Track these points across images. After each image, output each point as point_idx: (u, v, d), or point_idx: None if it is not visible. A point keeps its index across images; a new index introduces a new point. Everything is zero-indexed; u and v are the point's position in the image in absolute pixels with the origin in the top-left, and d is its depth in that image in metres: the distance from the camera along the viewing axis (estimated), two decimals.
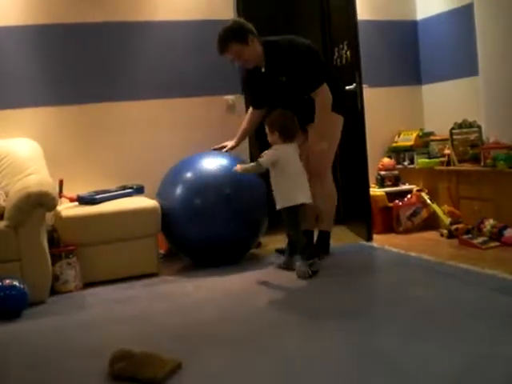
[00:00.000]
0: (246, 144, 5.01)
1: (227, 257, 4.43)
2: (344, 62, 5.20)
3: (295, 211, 3.98)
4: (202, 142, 4.82)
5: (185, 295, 3.78)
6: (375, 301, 3.44)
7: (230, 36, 4.14)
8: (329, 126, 4.29)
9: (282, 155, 3.98)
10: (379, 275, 4.12)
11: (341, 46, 5.24)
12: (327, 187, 4.45)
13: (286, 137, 4.01)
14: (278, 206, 4.02)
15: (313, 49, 4.31)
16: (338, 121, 4.43)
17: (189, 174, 4.42)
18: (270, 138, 4.06)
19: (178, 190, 4.37)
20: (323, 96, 4.20)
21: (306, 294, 3.63)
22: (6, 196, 3.99)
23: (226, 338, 2.90)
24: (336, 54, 5.42)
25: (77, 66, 4.82)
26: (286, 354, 2.62)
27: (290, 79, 4.24)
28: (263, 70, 4.32)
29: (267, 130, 4.06)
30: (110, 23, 4.89)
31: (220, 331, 3.01)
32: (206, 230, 4.27)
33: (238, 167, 4.11)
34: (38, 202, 3.70)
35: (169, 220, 4.33)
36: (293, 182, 4.00)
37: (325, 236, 4.56)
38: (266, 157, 3.98)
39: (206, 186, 4.32)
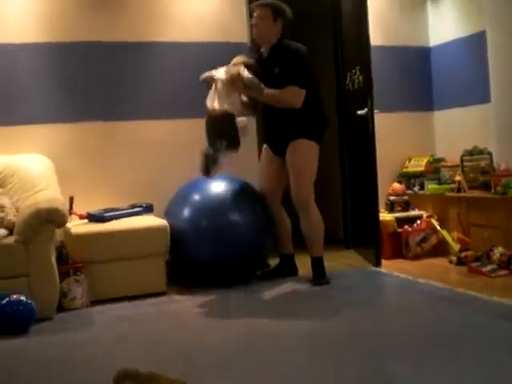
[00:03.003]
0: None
1: (235, 277, 4.42)
2: (356, 86, 5.22)
3: None
4: None
5: (191, 315, 3.77)
6: (382, 327, 3.41)
7: (270, 4, 4.39)
8: (304, 158, 4.41)
9: None
10: (387, 301, 4.09)
11: (353, 70, 5.26)
12: (313, 216, 4.47)
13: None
14: None
15: (304, 51, 4.40)
16: (313, 149, 4.45)
17: (197, 195, 4.47)
18: None
19: (186, 210, 4.41)
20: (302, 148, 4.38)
21: (312, 317, 3.60)
22: (17, 211, 4.01)
23: (231, 359, 2.89)
24: (348, 78, 5.44)
25: (90, 84, 4.86)
26: (291, 379, 2.60)
27: (280, 73, 4.35)
28: (265, 55, 4.51)
29: None
30: (125, 43, 4.94)
31: (225, 353, 2.99)
32: (213, 250, 4.29)
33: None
34: (48, 219, 3.72)
35: (176, 239, 4.34)
36: None
37: (318, 262, 4.54)
38: None
39: (213, 207, 4.36)
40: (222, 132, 4.13)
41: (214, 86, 4.20)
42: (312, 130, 4.42)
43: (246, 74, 4.19)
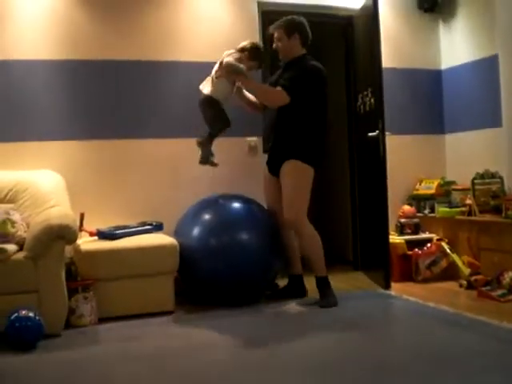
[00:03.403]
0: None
1: (243, 297, 4.41)
2: (367, 108, 5.23)
3: None
4: (223, 183, 4.86)
5: (199, 335, 3.76)
6: (390, 350, 3.38)
7: (283, 23, 4.55)
8: (295, 180, 4.44)
9: None
10: (395, 324, 4.07)
11: (365, 92, 5.28)
12: (307, 237, 4.48)
13: None
14: None
15: (318, 70, 4.49)
16: (306, 172, 4.46)
17: (206, 214, 4.50)
18: None
19: (196, 229, 4.42)
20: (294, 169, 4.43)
21: (318, 339, 3.58)
22: (27, 227, 4.03)
23: (240, 380, 2.87)
24: (360, 100, 5.46)
25: (103, 102, 4.90)
26: None
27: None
28: (281, 65, 4.66)
29: None
30: (138, 61, 4.98)
31: (232, 375, 2.98)
32: (222, 269, 4.29)
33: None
34: (59, 235, 3.73)
35: (185, 258, 4.34)
36: None
37: (322, 281, 4.52)
38: None
39: (222, 227, 4.38)
40: (205, 116, 4.46)
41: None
42: (307, 152, 4.45)
43: (228, 59, 4.37)
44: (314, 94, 4.45)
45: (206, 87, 4.46)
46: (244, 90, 4.63)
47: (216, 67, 4.46)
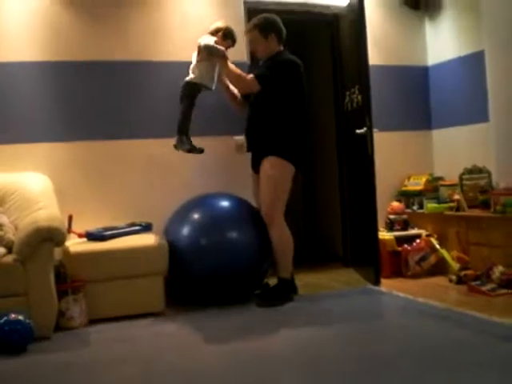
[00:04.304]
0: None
1: (233, 296, 4.41)
2: (355, 106, 5.24)
3: None
4: (211, 182, 4.86)
5: (189, 336, 3.75)
6: (380, 346, 3.38)
7: (257, 25, 4.57)
8: (273, 175, 4.42)
9: None
10: (385, 320, 4.07)
11: (352, 89, 5.29)
12: (276, 234, 4.46)
13: None
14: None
15: (292, 62, 4.50)
16: (285, 168, 4.45)
17: (195, 214, 4.49)
18: None
19: (185, 229, 4.41)
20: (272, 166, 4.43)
21: (308, 335, 3.59)
22: (16, 230, 4.00)
23: (229, 381, 2.87)
24: (347, 97, 5.47)
25: (90, 104, 4.87)
26: None
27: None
28: (260, 63, 4.69)
29: None
30: (126, 62, 4.96)
31: (223, 375, 2.98)
32: (211, 268, 4.29)
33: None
34: (47, 237, 3.71)
35: (174, 258, 4.33)
36: None
37: (282, 284, 4.50)
38: None
39: (212, 226, 4.38)
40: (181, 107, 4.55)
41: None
42: (286, 148, 4.45)
43: (204, 41, 4.45)
44: (288, 86, 4.45)
45: (189, 76, 4.56)
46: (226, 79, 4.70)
47: (195, 54, 4.55)
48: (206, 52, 4.47)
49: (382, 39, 5.80)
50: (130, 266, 4.21)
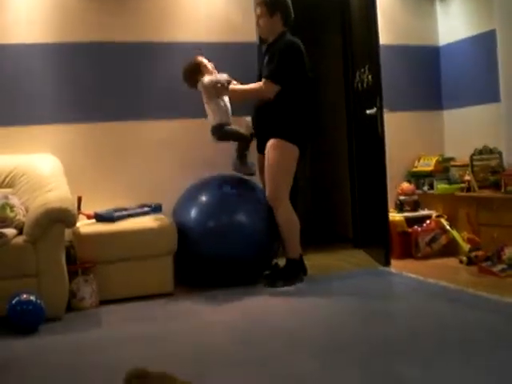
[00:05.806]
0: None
1: (243, 277, 4.42)
2: (365, 85, 5.20)
3: None
4: (221, 164, 4.84)
5: (199, 316, 3.77)
6: (391, 328, 3.38)
7: (266, 1, 4.51)
8: (277, 157, 4.40)
9: None
10: (396, 301, 4.06)
11: (362, 69, 5.25)
12: (281, 215, 4.44)
13: None
14: None
15: (293, 45, 4.44)
16: (290, 150, 4.43)
17: (204, 195, 4.49)
18: None
19: (193, 210, 4.42)
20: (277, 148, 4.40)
21: (318, 317, 3.59)
22: (26, 211, 4.01)
23: (239, 360, 2.88)
24: (357, 77, 5.43)
25: (100, 85, 4.87)
26: (298, 380, 2.60)
27: (266, 64, 4.48)
28: (264, 50, 4.69)
29: None
30: (135, 43, 4.94)
31: (233, 354, 2.99)
32: (220, 249, 4.29)
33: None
34: (58, 219, 3.72)
35: (183, 239, 4.34)
36: None
37: (291, 264, 4.50)
38: None
39: (220, 207, 4.39)
40: (227, 138, 4.62)
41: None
42: (291, 131, 4.42)
43: (204, 80, 4.45)
44: (292, 70, 4.40)
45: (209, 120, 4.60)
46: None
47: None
48: (207, 91, 4.49)
49: (392, 18, 5.74)
50: (139, 247, 4.22)
